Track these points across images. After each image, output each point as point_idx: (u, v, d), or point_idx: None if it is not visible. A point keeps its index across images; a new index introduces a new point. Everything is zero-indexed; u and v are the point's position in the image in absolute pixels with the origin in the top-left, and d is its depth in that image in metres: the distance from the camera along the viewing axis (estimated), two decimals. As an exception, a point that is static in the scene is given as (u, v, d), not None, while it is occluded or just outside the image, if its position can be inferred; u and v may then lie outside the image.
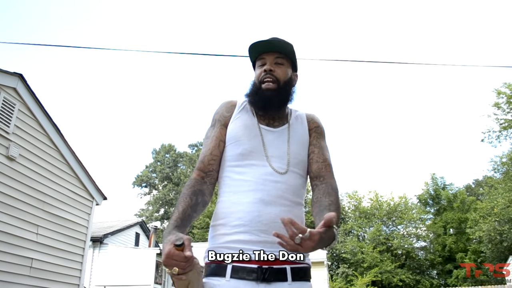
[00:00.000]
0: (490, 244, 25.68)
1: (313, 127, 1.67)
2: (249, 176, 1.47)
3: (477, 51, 54.52)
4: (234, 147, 1.55)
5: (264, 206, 1.39)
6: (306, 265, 1.41)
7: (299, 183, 1.52)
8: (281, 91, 1.60)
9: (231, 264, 1.34)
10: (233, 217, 1.41)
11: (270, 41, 1.62)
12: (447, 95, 60.87)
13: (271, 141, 1.56)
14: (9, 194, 6.22)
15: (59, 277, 7.18)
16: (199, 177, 1.53)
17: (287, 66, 1.65)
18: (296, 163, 1.53)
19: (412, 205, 35.74)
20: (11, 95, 6.41)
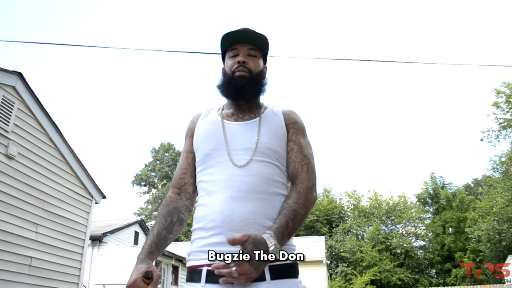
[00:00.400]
0: (489, 243, 25.71)
1: (290, 123, 1.59)
2: (217, 176, 1.43)
3: (477, 50, 54.54)
4: (200, 151, 1.53)
5: (235, 204, 1.34)
6: (290, 262, 1.33)
7: (274, 172, 1.45)
8: (253, 81, 1.56)
9: (206, 269, 1.31)
10: (208, 219, 1.37)
11: (244, 31, 1.60)
12: (447, 94, 60.91)
13: (236, 135, 1.51)
14: (8, 192, 6.22)
15: (58, 275, 7.18)
16: (173, 194, 1.55)
17: (259, 58, 1.62)
18: (267, 153, 1.46)
19: (411, 204, 35.80)
20: (10, 94, 6.41)
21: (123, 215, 43.14)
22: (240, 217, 1.32)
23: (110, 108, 69.60)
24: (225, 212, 1.34)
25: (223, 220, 1.33)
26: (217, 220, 1.34)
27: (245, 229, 1.30)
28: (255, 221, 1.32)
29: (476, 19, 56.14)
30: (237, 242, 1.14)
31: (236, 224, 1.32)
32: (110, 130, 72.66)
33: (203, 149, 1.52)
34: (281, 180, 1.47)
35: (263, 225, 1.32)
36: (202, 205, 1.43)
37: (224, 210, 1.34)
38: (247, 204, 1.34)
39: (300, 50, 55.36)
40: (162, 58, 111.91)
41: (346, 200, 38.85)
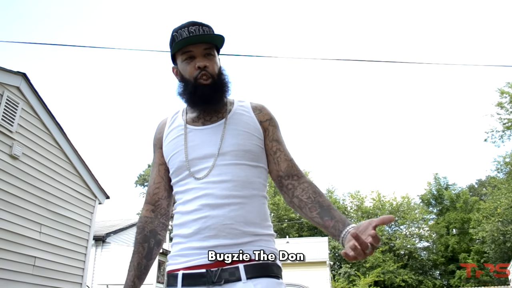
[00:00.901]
0: (493, 245, 25.65)
1: (266, 120, 1.52)
2: (190, 185, 1.40)
3: (480, 50, 54.37)
4: (171, 164, 1.49)
5: (210, 211, 1.33)
6: (267, 262, 1.31)
7: (249, 173, 1.41)
8: (218, 85, 1.47)
9: (182, 272, 1.31)
10: (185, 227, 1.36)
11: (195, 31, 1.47)
12: (450, 94, 60.74)
13: (198, 143, 1.46)
14: (12, 192, 6.24)
15: (62, 275, 7.20)
16: (148, 213, 1.52)
17: (216, 57, 1.51)
18: (239, 155, 1.41)
19: (415, 205, 35.74)
20: (15, 94, 6.43)
21: (127, 215, 43.17)
22: (216, 223, 1.31)
23: (113, 108, 69.78)
24: (201, 219, 1.33)
25: (200, 227, 1.32)
26: (194, 227, 1.34)
27: (222, 235, 1.30)
28: (232, 226, 1.31)
29: (480, 19, 55.98)
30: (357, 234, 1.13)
31: (211, 230, 1.31)
32: (113, 130, 72.86)
33: (174, 162, 1.47)
34: (258, 180, 1.44)
35: (241, 230, 1.32)
36: (179, 213, 1.42)
37: (200, 218, 1.33)
38: (223, 210, 1.33)
39: (304, 51, 55.38)
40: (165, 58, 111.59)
41: (350, 201, 38.84)
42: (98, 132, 71.92)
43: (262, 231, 1.37)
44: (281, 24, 58.82)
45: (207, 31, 1.48)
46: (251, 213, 1.36)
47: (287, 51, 58.78)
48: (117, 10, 61.12)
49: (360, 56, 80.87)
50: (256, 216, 1.37)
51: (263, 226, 1.39)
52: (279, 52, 71.01)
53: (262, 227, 1.38)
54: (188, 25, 1.48)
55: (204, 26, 1.49)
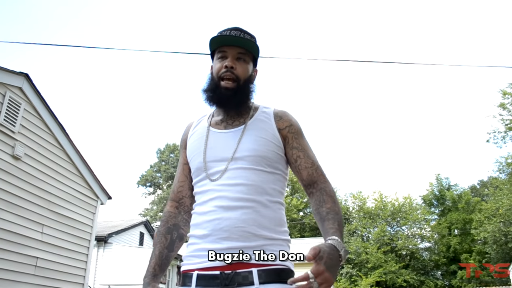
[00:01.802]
0: (495, 245, 25.61)
1: (285, 127, 1.53)
2: (207, 187, 1.44)
3: (483, 51, 54.28)
4: (192, 164, 1.54)
5: (223, 213, 1.35)
6: (282, 266, 1.33)
7: (265, 179, 1.43)
8: (239, 90, 1.51)
9: (196, 273, 1.33)
10: (200, 227, 1.40)
11: (234, 33, 1.53)
12: (452, 95, 60.65)
13: (216, 145, 1.49)
14: (15, 193, 6.25)
15: (63, 276, 7.21)
16: (172, 209, 1.58)
17: (248, 62, 1.55)
18: (255, 160, 1.43)
19: (417, 205, 35.64)
20: (17, 95, 6.44)
21: (128, 215, 43.23)
22: (229, 225, 1.33)
23: (115, 109, 69.83)
24: (214, 221, 1.35)
25: (213, 228, 1.35)
26: (208, 229, 1.36)
27: (234, 237, 1.32)
28: (244, 229, 1.33)
29: (482, 20, 55.89)
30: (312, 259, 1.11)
31: (225, 232, 1.33)
32: (115, 131, 72.90)
33: (194, 163, 1.52)
34: (273, 186, 1.45)
35: (253, 233, 1.33)
36: (195, 214, 1.46)
37: (213, 219, 1.36)
38: (235, 213, 1.35)
39: (306, 52, 55.37)
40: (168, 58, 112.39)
41: (352, 201, 38.75)
42: (100, 133, 71.98)
43: (275, 236, 1.37)
44: (283, 24, 58.82)
45: (244, 37, 1.52)
46: (264, 217, 1.37)
47: (289, 51, 58.74)
48: (120, 10, 61.19)
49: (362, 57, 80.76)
50: (270, 221, 1.38)
51: (277, 231, 1.39)
52: (281, 53, 71.03)
53: (276, 232, 1.38)
54: (231, 29, 1.54)
55: (246, 33, 1.54)
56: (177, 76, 67.71)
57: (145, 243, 19.89)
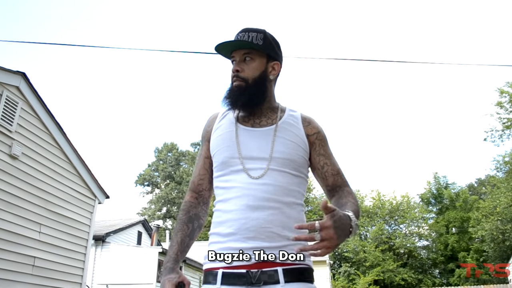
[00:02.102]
0: (492, 243, 25.66)
1: (313, 133, 1.57)
2: (234, 183, 1.44)
3: (480, 50, 54.37)
4: (216, 158, 1.53)
5: (250, 212, 1.36)
6: (304, 266, 1.37)
7: (291, 181, 1.45)
8: (247, 90, 1.51)
9: (221, 271, 1.34)
10: (224, 226, 1.40)
11: (238, 37, 1.54)
12: (450, 94, 60.73)
13: (250, 142, 1.50)
14: (12, 192, 6.23)
15: (61, 275, 7.19)
16: (192, 199, 1.60)
17: (258, 61, 1.54)
18: (283, 163, 1.45)
19: (415, 204, 35.70)
20: (14, 94, 6.42)
21: (126, 215, 43.22)
22: (255, 225, 1.35)
23: (113, 108, 69.72)
24: (241, 220, 1.37)
25: (239, 228, 1.36)
26: (233, 227, 1.37)
27: (261, 237, 1.34)
28: (270, 230, 1.35)
29: (479, 18, 55.97)
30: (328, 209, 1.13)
31: (251, 232, 1.35)
32: (113, 130, 72.78)
33: (219, 156, 1.52)
34: (297, 189, 1.48)
35: (278, 234, 1.35)
36: (219, 211, 1.46)
37: (240, 218, 1.37)
38: (262, 213, 1.36)
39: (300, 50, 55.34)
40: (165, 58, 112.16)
41: (349, 200, 38.76)
42: (98, 132, 71.87)
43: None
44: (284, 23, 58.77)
45: (253, 38, 1.52)
46: (289, 218, 1.40)
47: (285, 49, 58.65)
48: (118, 9, 61.07)
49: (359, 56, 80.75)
50: (294, 222, 1.39)
51: (299, 232, 1.40)
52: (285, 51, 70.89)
53: (298, 233, 1.39)
54: (238, 33, 1.56)
55: (252, 32, 1.54)
56: (175, 75, 67.63)
57: (143, 243, 19.86)
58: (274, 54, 1.58)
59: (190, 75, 68.79)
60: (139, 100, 68.49)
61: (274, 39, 1.60)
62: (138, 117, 69.29)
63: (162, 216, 45.40)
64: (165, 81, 67.55)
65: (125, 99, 69.31)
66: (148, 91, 68.73)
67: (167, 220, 45.07)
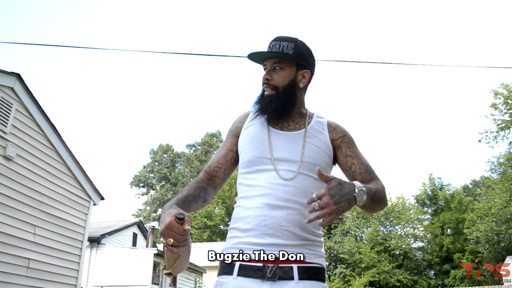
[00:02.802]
0: (487, 245, 25.73)
1: (338, 137, 1.62)
2: (258, 182, 1.49)
3: (475, 52, 54.62)
4: (244, 155, 1.58)
5: (270, 210, 1.42)
6: (318, 265, 1.43)
7: (313, 185, 1.48)
8: (280, 97, 1.57)
9: (239, 263, 1.39)
10: (244, 221, 1.45)
11: (270, 46, 1.60)
12: (445, 95, 60.97)
13: (281, 144, 1.55)
14: (6, 194, 6.20)
15: (56, 277, 7.16)
16: (205, 178, 1.63)
17: (288, 70, 1.59)
18: (310, 167, 1.49)
19: (410, 205, 35.75)
20: (9, 95, 6.39)
21: (122, 216, 43.02)
22: (274, 223, 1.40)
23: (108, 110, 69.55)
24: (260, 217, 1.42)
25: (258, 224, 1.41)
26: (252, 223, 1.43)
27: (278, 234, 1.39)
28: (288, 229, 1.40)
29: (474, 21, 56.23)
30: (324, 178, 1.23)
31: (269, 229, 1.40)
32: (108, 132, 72.59)
33: (247, 154, 1.57)
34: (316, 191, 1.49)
35: (295, 233, 1.41)
36: (240, 207, 1.52)
37: (259, 215, 1.42)
38: (281, 212, 1.41)
39: (298, 52, 55.37)
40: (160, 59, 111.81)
41: (345, 201, 38.76)
42: (93, 133, 71.67)
43: (314, 238, 1.46)
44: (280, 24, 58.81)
45: (284, 47, 1.57)
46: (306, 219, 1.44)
47: (282, 51, 58.69)
48: (113, 11, 60.96)
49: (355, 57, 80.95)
50: (311, 224, 1.42)
51: (316, 233, 1.48)
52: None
53: (315, 234, 1.47)
54: (271, 41, 1.61)
55: (283, 41, 1.59)
56: (170, 76, 67.56)
57: (138, 244, 19.81)
58: (305, 62, 1.62)
59: (185, 77, 68.75)
60: (134, 101, 68.38)
61: (305, 47, 1.64)
62: (133, 118, 69.17)
63: (158, 217, 45.28)
64: (161, 82, 67.48)
65: (120, 100, 69.17)
66: (144, 93, 68.62)
67: (163, 221, 44.91)
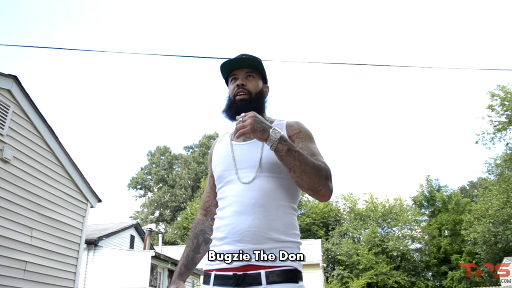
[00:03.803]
0: (484, 246, 25.81)
1: (294, 133, 1.69)
2: (227, 193, 1.60)
3: (472, 54, 54.79)
4: (215, 173, 1.70)
5: (238, 217, 1.50)
6: (289, 267, 1.46)
7: (277, 185, 1.56)
8: (253, 101, 1.70)
9: (214, 273, 1.51)
10: (219, 231, 1.56)
11: (240, 58, 1.74)
12: (442, 97, 61.12)
13: (243, 154, 1.64)
14: (3, 196, 6.19)
15: (53, 280, 7.14)
16: (201, 216, 1.80)
17: (257, 80, 1.75)
18: (270, 167, 1.57)
19: (407, 207, 35.83)
20: (6, 97, 6.38)
21: (119, 218, 42.93)
22: (243, 229, 1.48)
23: (105, 112, 69.44)
24: (230, 225, 1.51)
25: (229, 232, 1.51)
26: (225, 232, 1.52)
27: (247, 239, 1.46)
28: (256, 233, 1.46)
29: (472, 23, 56.44)
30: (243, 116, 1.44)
31: (239, 235, 1.48)
32: (105, 134, 72.48)
33: (217, 171, 1.69)
34: (285, 191, 1.58)
35: (266, 236, 1.47)
36: (217, 218, 1.62)
37: (229, 223, 1.52)
38: (249, 217, 1.49)
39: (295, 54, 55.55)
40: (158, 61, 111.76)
41: (342, 203, 38.86)
42: (90, 135, 71.53)
43: (286, 238, 1.50)
44: (282, 27, 58.91)
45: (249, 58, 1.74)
46: (275, 221, 1.51)
47: (283, 54, 58.92)
48: (111, 13, 60.93)
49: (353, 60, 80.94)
50: (281, 224, 1.51)
51: (288, 233, 1.52)
52: (276, 55, 71.15)
53: (287, 235, 1.51)
54: (239, 55, 1.76)
55: (250, 55, 1.75)
56: (168, 78, 67.52)
57: (135, 246, 19.76)
58: (267, 78, 1.82)
59: (183, 79, 68.74)
60: (132, 103, 68.31)
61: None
62: (131, 120, 69.07)
63: (155, 219, 45.23)
64: (158, 84, 67.43)
65: (118, 102, 69.09)
66: (141, 95, 68.56)
67: (160, 223, 44.89)
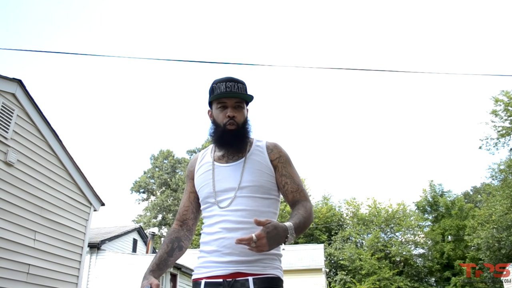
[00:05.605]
0: (488, 251, 25.67)
1: (275, 158, 1.82)
2: (213, 212, 1.74)
3: (475, 59, 54.74)
4: (200, 194, 1.84)
5: (227, 233, 1.65)
6: (272, 275, 1.63)
7: (261, 204, 1.72)
8: (240, 133, 1.79)
9: (204, 280, 1.65)
10: (209, 244, 1.70)
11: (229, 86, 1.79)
12: (446, 102, 61.04)
13: (224, 177, 1.78)
14: (7, 199, 6.21)
15: (56, 283, 7.15)
16: (177, 226, 1.91)
17: (244, 108, 1.84)
18: (252, 189, 1.72)
19: (410, 212, 35.72)
20: (10, 101, 6.41)
21: (122, 222, 43.00)
22: (231, 243, 1.61)
23: (109, 115, 69.63)
24: (220, 240, 1.66)
25: (218, 245, 1.66)
26: (215, 245, 1.67)
27: (235, 253, 1.61)
28: (243, 246, 1.53)
29: (475, 28, 56.39)
30: (261, 223, 1.42)
31: (228, 248, 1.63)
32: (109, 137, 72.63)
33: (202, 193, 1.82)
34: (268, 209, 1.75)
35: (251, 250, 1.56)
36: (204, 234, 1.76)
37: (219, 238, 1.66)
38: (236, 233, 1.62)
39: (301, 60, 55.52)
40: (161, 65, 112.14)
41: (345, 207, 38.80)
42: (94, 139, 71.68)
43: (270, 251, 1.59)
44: (278, 32, 59.01)
45: (241, 88, 1.81)
46: None
47: (283, 59, 58.96)
48: (116, 17, 61.18)
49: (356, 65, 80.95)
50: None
51: None
52: (275, 61, 71.19)
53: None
54: (226, 80, 1.81)
55: (239, 83, 1.81)
56: (171, 82, 67.68)
57: (138, 250, 19.75)
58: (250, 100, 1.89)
59: (186, 83, 68.88)
60: (135, 107, 68.47)
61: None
62: (134, 124, 69.22)
63: (158, 223, 45.22)
64: (161, 88, 67.60)
65: (121, 106, 69.27)
66: (144, 98, 68.72)
67: (163, 227, 44.86)
